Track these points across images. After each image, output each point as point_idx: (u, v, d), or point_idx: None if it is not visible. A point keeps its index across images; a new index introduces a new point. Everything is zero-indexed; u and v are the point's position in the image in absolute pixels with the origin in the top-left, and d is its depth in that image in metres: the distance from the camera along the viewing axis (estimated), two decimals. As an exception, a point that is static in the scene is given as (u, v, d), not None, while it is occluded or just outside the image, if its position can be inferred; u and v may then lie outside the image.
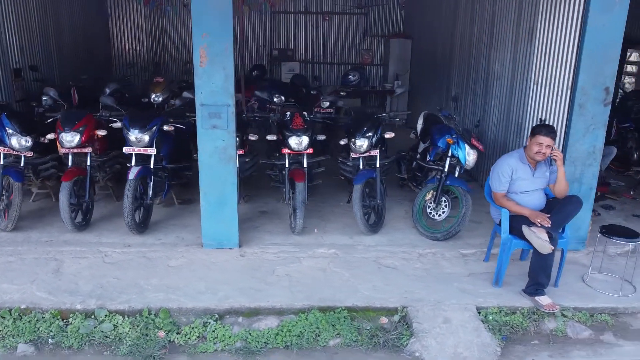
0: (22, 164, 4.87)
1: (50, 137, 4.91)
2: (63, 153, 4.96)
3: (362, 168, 4.98)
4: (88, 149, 4.87)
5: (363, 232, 4.84)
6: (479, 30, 6.77)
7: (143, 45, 11.53)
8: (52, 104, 5.90)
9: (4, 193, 4.73)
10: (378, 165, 4.92)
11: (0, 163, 4.77)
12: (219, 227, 4.47)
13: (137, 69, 10.25)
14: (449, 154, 4.90)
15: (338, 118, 6.66)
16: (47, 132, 4.97)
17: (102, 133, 4.99)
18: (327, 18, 11.51)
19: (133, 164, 4.75)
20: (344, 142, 5.09)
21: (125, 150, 4.78)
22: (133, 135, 4.71)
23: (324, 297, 3.82)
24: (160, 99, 7.05)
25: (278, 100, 7.07)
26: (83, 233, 4.79)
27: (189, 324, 3.60)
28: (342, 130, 5.86)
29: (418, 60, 10.28)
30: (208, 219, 4.44)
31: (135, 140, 4.72)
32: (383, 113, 5.25)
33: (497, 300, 3.85)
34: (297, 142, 4.86)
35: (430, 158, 5.19)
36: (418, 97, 9.97)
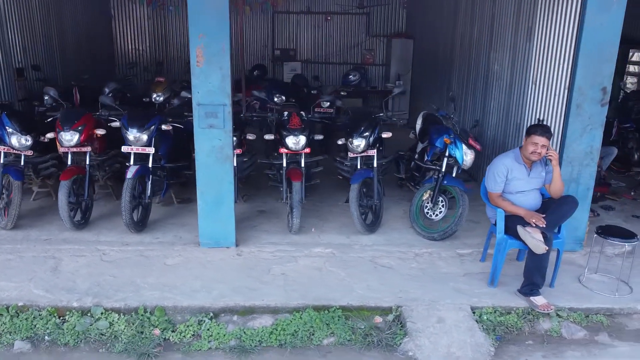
0: (22, 163, 4.91)
1: (50, 136, 4.95)
2: (62, 152, 5.00)
3: (359, 168, 4.99)
4: (87, 148, 4.90)
5: (360, 231, 4.85)
6: (479, 30, 6.76)
7: (146, 45, 11.60)
8: (53, 104, 5.94)
9: (4, 191, 4.78)
10: (375, 165, 4.93)
11: (1, 162, 4.81)
12: (216, 226, 4.49)
13: (138, 69, 10.30)
14: (447, 154, 4.90)
15: (336, 118, 6.66)
16: (47, 131, 5.01)
17: (101, 132, 5.03)
18: (329, 18, 11.53)
19: (131, 163, 4.78)
20: (342, 141, 5.10)
21: (124, 150, 4.82)
22: (131, 135, 4.74)
23: (319, 296, 3.83)
24: (162, 99, 7.07)
25: (278, 100, 7.09)
26: (82, 231, 4.82)
27: (184, 322, 3.62)
28: (340, 130, 5.87)
29: (420, 61, 10.28)
30: (205, 218, 4.46)
31: (134, 140, 4.75)
32: (380, 113, 5.25)
33: (492, 300, 3.85)
34: (294, 141, 4.88)
35: (428, 158, 5.20)
36: (420, 97, 9.96)
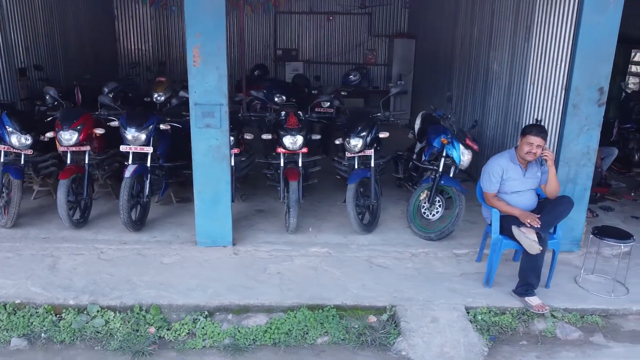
0: (22, 162, 4.95)
1: (50, 135, 4.99)
2: (62, 151, 5.03)
3: (357, 168, 5.00)
4: (86, 147, 4.93)
5: (357, 231, 4.85)
6: (479, 30, 6.75)
7: (149, 45, 11.65)
8: (54, 103, 5.98)
9: (4, 190, 4.82)
10: (373, 165, 4.94)
11: (1, 161, 4.86)
12: (213, 225, 4.51)
13: (140, 69, 10.36)
14: (444, 154, 4.90)
15: (335, 118, 6.67)
16: (47, 130, 5.05)
17: (99, 132, 5.06)
18: (331, 18, 11.54)
19: (130, 162, 4.81)
20: (339, 141, 5.11)
21: (122, 149, 4.84)
22: (130, 134, 4.77)
23: (314, 295, 3.84)
24: (163, 99, 7.11)
25: (279, 100, 7.11)
26: (81, 230, 4.86)
27: (179, 321, 3.64)
28: (339, 130, 5.88)
29: (422, 60, 10.27)
30: (202, 217, 4.49)
31: (132, 139, 4.78)
32: (378, 113, 5.26)
33: (486, 301, 3.84)
34: (291, 141, 4.89)
35: (426, 158, 5.20)
36: (421, 97, 9.95)
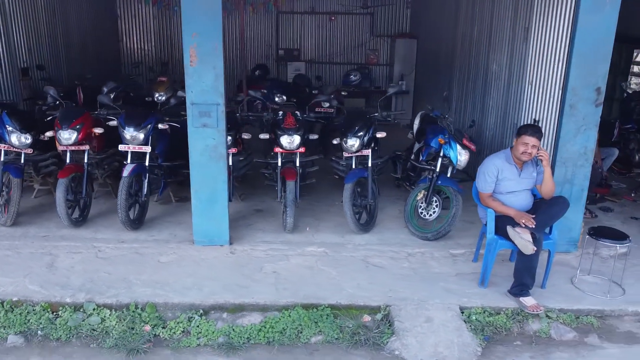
0: (22, 161, 4.99)
1: (49, 134, 5.02)
2: (61, 150, 5.07)
3: (354, 167, 5.01)
4: (85, 147, 4.96)
5: (354, 231, 4.86)
6: (479, 30, 6.74)
7: (151, 45, 11.70)
8: (55, 102, 6.03)
9: (4, 189, 4.86)
10: (370, 165, 4.94)
11: (1, 160, 4.89)
12: (210, 224, 4.53)
13: (143, 68, 10.40)
14: (441, 154, 4.90)
15: (334, 118, 6.68)
16: (47, 129, 5.08)
17: (98, 131, 5.10)
18: (333, 18, 11.55)
19: (128, 162, 4.84)
20: (337, 141, 5.12)
21: (121, 148, 4.87)
22: (128, 134, 4.80)
23: (309, 294, 3.85)
24: (164, 98, 7.16)
25: (279, 100, 7.13)
26: (79, 229, 4.90)
27: (175, 319, 3.66)
28: (337, 130, 5.89)
29: (423, 61, 10.26)
30: (199, 216, 4.51)
31: (130, 138, 4.81)
32: (375, 113, 5.27)
33: (481, 301, 3.84)
34: (288, 141, 4.90)
35: (423, 158, 5.20)
36: (423, 97, 9.94)
